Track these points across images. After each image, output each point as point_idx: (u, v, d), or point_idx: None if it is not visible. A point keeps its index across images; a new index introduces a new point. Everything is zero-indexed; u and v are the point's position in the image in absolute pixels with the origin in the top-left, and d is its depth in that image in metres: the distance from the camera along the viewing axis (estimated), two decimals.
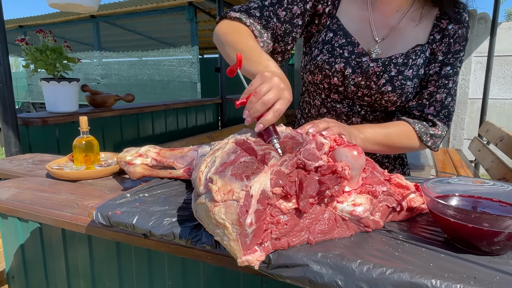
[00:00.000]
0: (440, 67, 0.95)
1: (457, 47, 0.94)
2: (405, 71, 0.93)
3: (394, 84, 0.94)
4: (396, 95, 0.94)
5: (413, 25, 0.96)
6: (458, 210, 0.51)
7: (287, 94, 0.66)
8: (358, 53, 0.96)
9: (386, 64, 0.94)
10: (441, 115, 0.97)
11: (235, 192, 0.49)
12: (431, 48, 0.95)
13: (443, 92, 0.95)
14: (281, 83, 0.65)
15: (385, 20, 0.97)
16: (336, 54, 0.95)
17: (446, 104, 0.96)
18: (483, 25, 4.49)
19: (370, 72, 0.95)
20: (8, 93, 1.55)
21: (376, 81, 0.95)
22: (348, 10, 0.99)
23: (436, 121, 0.96)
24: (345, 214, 0.58)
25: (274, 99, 0.64)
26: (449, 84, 0.95)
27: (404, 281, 0.45)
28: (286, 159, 0.56)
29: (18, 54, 8.70)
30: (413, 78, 0.94)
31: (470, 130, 4.71)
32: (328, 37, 0.98)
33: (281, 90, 0.65)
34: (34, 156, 1.29)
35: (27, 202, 0.83)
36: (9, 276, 1.07)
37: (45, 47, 1.91)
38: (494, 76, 4.46)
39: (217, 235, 0.51)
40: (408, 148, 0.98)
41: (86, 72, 7.16)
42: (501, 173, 2.53)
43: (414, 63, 0.94)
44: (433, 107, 0.96)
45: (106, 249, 0.87)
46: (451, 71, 0.95)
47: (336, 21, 0.98)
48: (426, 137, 0.97)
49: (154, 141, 2.91)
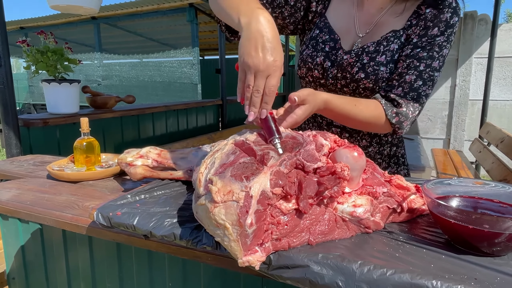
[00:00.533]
0: (412, 49, 0.93)
1: (435, 31, 0.92)
2: (377, 57, 0.95)
3: (366, 70, 0.95)
4: (371, 81, 0.95)
5: (394, 16, 0.97)
6: (458, 211, 0.52)
7: (274, 63, 0.64)
8: (337, 48, 1.00)
9: (359, 54, 0.97)
10: (409, 97, 0.93)
11: (234, 193, 0.49)
12: (407, 34, 0.95)
13: (413, 74, 0.92)
14: (261, 59, 0.64)
15: (369, 17, 1.00)
16: (319, 49, 1.01)
17: (416, 87, 0.93)
18: (484, 26, 4.49)
19: (344, 64, 0.98)
20: (9, 94, 1.55)
21: (350, 71, 0.97)
22: (337, 9, 1.04)
23: (400, 101, 0.93)
24: (345, 215, 0.58)
25: (264, 82, 0.64)
26: (420, 67, 0.92)
27: (404, 282, 0.45)
28: (285, 158, 0.56)
29: (19, 56, 8.72)
30: (387, 64, 0.94)
31: (470, 131, 4.71)
32: (314, 34, 1.04)
33: (267, 65, 0.64)
34: (35, 157, 1.30)
35: (27, 203, 0.83)
36: (9, 277, 1.07)
37: (46, 48, 1.91)
38: (495, 78, 4.46)
39: (217, 236, 0.51)
40: (372, 123, 0.94)
41: (87, 74, 7.17)
42: (502, 174, 2.52)
43: (387, 49, 0.95)
44: (401, 88, 0.93)
45: (107, 250, 0.87)
46: (425, 54, 0.92)
47: (324, 20, 1.04)
48: (392, 113, 0.93)
49: (155, 142, 2.91)
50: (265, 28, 0.65)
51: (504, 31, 4.41)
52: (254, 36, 0.65)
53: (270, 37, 0.65)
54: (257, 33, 0.65)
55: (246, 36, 0.67)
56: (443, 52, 0.93)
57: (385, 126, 0.96)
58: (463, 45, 4.55)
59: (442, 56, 0.93)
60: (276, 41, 0.66)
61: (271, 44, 0.64)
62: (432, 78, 0.93)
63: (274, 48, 0.65)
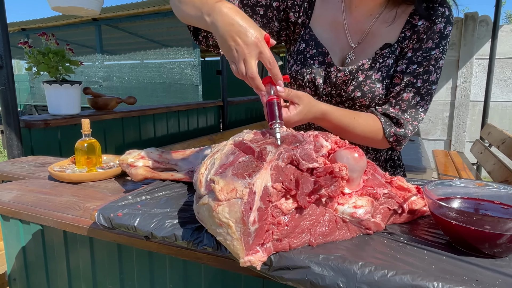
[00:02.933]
0: (408, 64, 0.91)
1: (430, 44, 0.89)
2: (372, 75, 0.92)
3: (362, 89, 0.92)
4: (367, 99, 0.93)
5: (386, 25, 0.93)
6: (460, 212, 0.51)
7: (256, 40, 0.66)
8: (328, 63, 0.95)
9: (353, 72, 0.93)
10: (407, 115, 0.92)
11: (238, 190, 0.50)
12: (401, 47, 0.92)
13: (411, 92, 0.91)
14: (242, 44, 0.66)
15: (359, 24, 0.95)
16: (307, 65, 0.96)
17: (414, 104, 0.91)
18: (485, 27, 4.49)
19: (338, 82, 0.95)
20: (10, 95, 1.56)
21: (345, 89, 0.94)
22: (321, 18, 0.98)
23: (400, 120, 0.92)
24: (346, 216, 0.58)
25: (255, 62, 0.66)
26: (418, 83, 0.90)
27: (405, 284, 0.45)
28: (282, 151, 0.56)
29: (20, 57, 8.75)
30: (383, 80, 0.92)
31: (472, 132, 4.70)
32: (301, 48, 0.98)
33: (250, 44, 0.66)
34: (36, 158, 1.30)
35: (29, 204, 0.83)
36: (10, 278, 1.07)
37: (48, 50, 1.92)
38: (496, 79, 4.45)
39: (219, 235, 0.51)
40: (370, 138, 0.93)
41: (88, 75, 7.19)
42: (503, 175, 2.52)
43: (383, 65, 0.92)
44: (399, 106, 0.92)
45: (108, 251, 0.87)
46: (421, 70, 0.90)
47: (309, 31, 0.98)
48: (390, 132, 0.92)
49: (156, 143, 2.91)
50: (230, 16, 0.67)
51: (505, 32, 4.41)
52: (225, 30, 0.67)
53: (239, 20, 0.66)
54: (226, 25, 0.67)
55: (218, 34, 0.68)
56: (439, 64, 0.91)
57: (383, 142, 0.94)
58: (464, 46, 4.55)
59: (438, 67, 0.91)
60: (246, 21, 0.66)
61: (242, 27, 0.65)
62: (430, 92, 0.92)
63: (248, 28, 0.66)
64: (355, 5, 0.93)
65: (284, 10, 0.98)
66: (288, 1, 0.97)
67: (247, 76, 0.68)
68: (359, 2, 0.92)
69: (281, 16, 0.99)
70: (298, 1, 0.97)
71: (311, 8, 0.98)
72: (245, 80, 0.69)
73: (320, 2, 0.98)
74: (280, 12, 0.98)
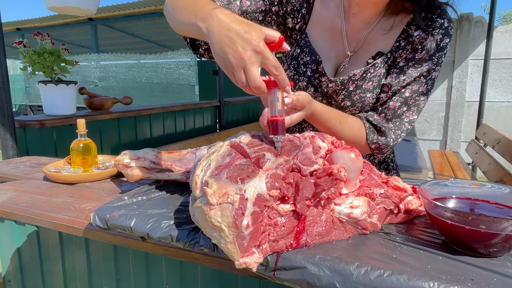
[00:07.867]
0: (398, 74, 0.90)
1: (423, 55, 0.87)
2: (363, 84, 0.92)
3: (352, 98, 0.93)
4: (357, 108, 0.94)
5: (382, 34, 0.92)
6: (455, 212, 0.52)
7: (257, 44, 0.59)
8: (320, 72, 0.95)
9: (344, 83, 0.93)
10: (391, 124, 0.91)
11: (230, 195, 0.49)
12: (394, 56, 0.91)
13: (398, 101, 0.90)
14: (241, 50, 0.58)
15: (357, 32, 0.94)
16: (300, 72, 0.96)
17: (399, 113, 0.90)
18: (480, 28, 4.52)
19: (329, 92, 0.95)
20: (5, 95, 1.54)
21: (336, 98, 0.95)
22: (319, 24, 0.96)
23: (383, 128, 0.91)
24: (342, 217, 0.58)
25: (253, 73, 0.59)
26: (406, 93, 0.89)
27: (402, 284, 0.45)
28: (283, 162, 0.56)
29: (15, 57, 8.70)
30: (373, 90, 0.92)
31: (467, 132, 4.73)
32: (296, 53, 0.97)
33: (240, 57, 0.58)
34: (32, 159, 1.29)
35: (24, 205, 0.82)
36: (5, 280, 1.07)
37: (43, 49, 1.91)
38: (491, 79, 4.48)
39: (214, 238, 0.51)
40: (352, 143, 0.92)
41: (84, 75, 7.16)
42: (498, 175, 2.54)
43: (374, 75, 0.91)
44: (384, 114, 0.92)
45: (104, 252, 0.87)
46: (410, 80, 0.89)
47: (305, 37, 0.97)
48: (372, 139, 0.92)
49: (152, 143, 2.90)
50: (227, 22, 0.60)
51: (500, 33, 4.44)
52: (221, 35, 0.60)
53: (236, 26, 0.59)
54: (222, 30, 0.60)
55: (214, 41, 0.62)
56: (431, 76, 0.89)
57: (365, 148, 0.95)
58: (459, 47, 4.57)
59: (430, 79, 0.90)
60: (244, 25, 0.60)
61: (240, 31, 0.59)
62: (418, 103, 0.91)
63: (247, 31, 0.59)
64: (354, 12, 0.92)
65: (283, 15, 0.97)
66: (287, 7, 0.96)
67: (249, 86, 0.61)
68: (358, 10, 0.91)
69: (280, 21, 0.98)
70: (297, 7, 0.96)
71: (308, 13, 0.97)
72: (245, 89, 0.63)
73: (318, 8, 0.97)
74: (279, 17, 0.97)
